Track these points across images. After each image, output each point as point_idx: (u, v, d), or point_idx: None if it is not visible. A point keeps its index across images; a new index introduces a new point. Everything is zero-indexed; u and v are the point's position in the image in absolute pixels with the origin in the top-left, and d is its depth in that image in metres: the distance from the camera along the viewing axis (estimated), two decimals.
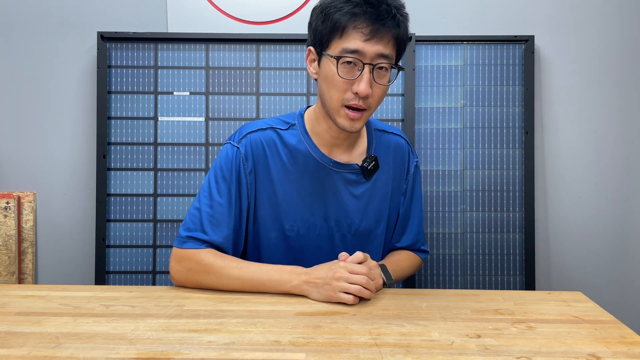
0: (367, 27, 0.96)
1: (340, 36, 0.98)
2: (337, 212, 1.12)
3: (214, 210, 1.07)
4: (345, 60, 0.97)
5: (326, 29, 0.99)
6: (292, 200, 1.10)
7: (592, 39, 1.74)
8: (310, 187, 1.10)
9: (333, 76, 0.99)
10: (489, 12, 1.74)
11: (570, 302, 0.99)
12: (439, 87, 1.71)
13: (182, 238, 1.07)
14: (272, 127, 1.11)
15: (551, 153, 1.75)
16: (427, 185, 1.70)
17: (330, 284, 0.95)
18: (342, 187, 1.12)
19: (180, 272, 1.05)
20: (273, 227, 1.11)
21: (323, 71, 1.02)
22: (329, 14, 0.98)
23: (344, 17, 0.96)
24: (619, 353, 0.75)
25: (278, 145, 1.10)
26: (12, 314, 0.91)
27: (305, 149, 1.10)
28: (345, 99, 1.00)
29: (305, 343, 0.78)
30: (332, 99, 1.01)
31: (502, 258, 1.70)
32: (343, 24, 0.97)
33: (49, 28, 1.73)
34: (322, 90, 1.04)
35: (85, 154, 1.74)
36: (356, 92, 0.98)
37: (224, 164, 1.09)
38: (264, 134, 1.10)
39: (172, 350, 0.76)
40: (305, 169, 1.10)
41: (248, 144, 1.09)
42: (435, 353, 0.75)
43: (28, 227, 1.73)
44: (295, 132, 1.11)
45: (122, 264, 1.67)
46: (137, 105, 1.69)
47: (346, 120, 1.02)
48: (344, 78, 0.98)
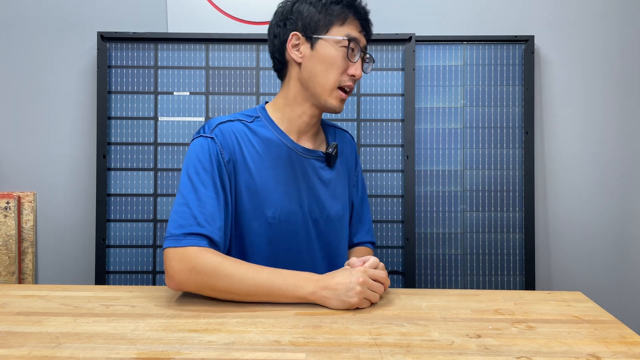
0: (361, 21, 1.13)
1: (342, 24, 1.10)
2: (310, 198, 1.15)
3: (204, 203, 1.01)
4: (352, 45, 1.10)
5: (326, 17, 1.10)
6: (270, 188, 1.10)
7: (592, 38, 1.74)
8: (284, 173, 1.12)
9: (335, 58, 1.09)
10: (489, 12, 1.74)
11: (570, 302, 0.99)
12: (439, 87, 1.71)
13: (177, 236, 0.98)
14: (239, 119, 1.13)
15: (551, 153, 1.75)
16: (427, 185, 1.70)
17: (355, 289, 0.93)
18: (312, 173, 1.15)
19: (182, 272, 0.96)
20: (255, 216, 1.09)
21: (321, 54, 1.10)
22: (328, 4, 1.10)
23: (346, 8, 1.10)
24: (618, 353, 0.75)
25: (249, 134, 1.11)
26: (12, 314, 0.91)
27: (275, 137, 1.13)
28: (342, 80, 1.11)
29: (305, 343, 0.78)
30: (329, 80, 1.10)
31: (502, 258, 1.70)
32: (346, 14, 1.10)
33: (49, 28, 1.73)
34: (315, 73, 1.11)
35: (85, 154, 1.74)
36: (352, 74, 1.11)
37: (202, 156, 1.06)
38: (233, 125, 1.11)
39: (172, 350, 0.76)
40: (279, 155, 1.12)
41: (220, 134, 1.08)
42: (435, 353, 0.75)
43: (28, 227, 1.73)
44: (262, 123, 1.14)
45: (122, 264, 1.67)
46: (137, 105, 1.69)
47: (337, 101, 1.12)
48: (350, 60, 1.10)
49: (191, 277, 0.96)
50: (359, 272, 0.96)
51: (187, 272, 0.96)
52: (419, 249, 1.70)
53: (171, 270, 0.97)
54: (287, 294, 0.96)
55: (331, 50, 1.09)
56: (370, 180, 1.69)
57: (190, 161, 1.06)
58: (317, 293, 0.95)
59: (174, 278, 0.97)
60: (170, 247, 0.98)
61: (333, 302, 0.94)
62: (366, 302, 0.95)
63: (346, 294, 0.94)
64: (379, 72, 1.70)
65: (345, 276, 0.96)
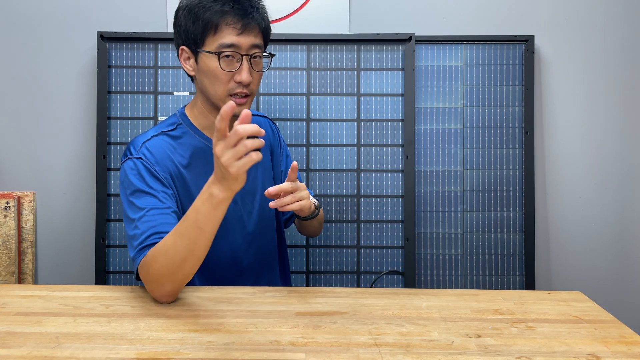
0: (237, 22, 1.06)
1: (215, 33, 1.06)
2: (242, 193, 1.16)
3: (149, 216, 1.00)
4: (225, 54, 1.06)
5: (198, 28, 1.07)
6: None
7: (593, 38, 1.74)
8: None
9: (215, 70, 1.07)
10: (489, 12, 1.74)
11: (570, 302, 0.99)
12: (439, 87, 1.71)
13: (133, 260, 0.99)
14: (162, 132, 1.13)
15: (551, 153, 1.75)
16: (427, 185, 1.70)
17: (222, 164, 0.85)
18: None
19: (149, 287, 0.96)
20: None
21: (203, 67, 1.09)
22: (198, 15, 1.06)
23: (215, 15, 1.05)
24: (618, 353, 0.75)
25: (175, 146, 1.12)
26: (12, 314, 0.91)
27: (199, 142, 1.14)
28: (230, 89, 1.08)
29: (305, 343, 0.78)
30: (217, 91, 1.09)
31: (502, 258, 1.70)
32: (215, 22, 1.05)
33: (49, 28, 1.73)
34: (204, 86, 1.10)
35: (85, 154, 1.74)
36: (239, 81, 1.07)
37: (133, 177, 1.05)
38: (158, 139, 1.11)
39: (172, 350, 0.76)
40: (206, 160, 1.13)
41: (148, 153, 1.08)
42: (435, 353, 0.75)
43: (28, 227, 1.73)
44: (184, 129, 1.15)
45: (122, 264, 1.67)
46: (137, 105, 1.69)
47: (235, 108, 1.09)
48: (226, 70, 1.06)
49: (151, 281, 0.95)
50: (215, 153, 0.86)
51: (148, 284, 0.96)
52: (419, 249, 1.70)
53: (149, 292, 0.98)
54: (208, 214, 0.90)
55: (209, 63, 1.07)
56: (370, 180, 1.69)
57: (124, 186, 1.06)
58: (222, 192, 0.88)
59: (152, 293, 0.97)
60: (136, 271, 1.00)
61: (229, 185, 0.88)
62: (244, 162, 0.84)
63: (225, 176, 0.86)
64: (379, 72, 1.70)
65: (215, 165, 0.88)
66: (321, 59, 1.70)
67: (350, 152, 1.69)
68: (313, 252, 1.69)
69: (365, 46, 1.70)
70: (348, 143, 1.69)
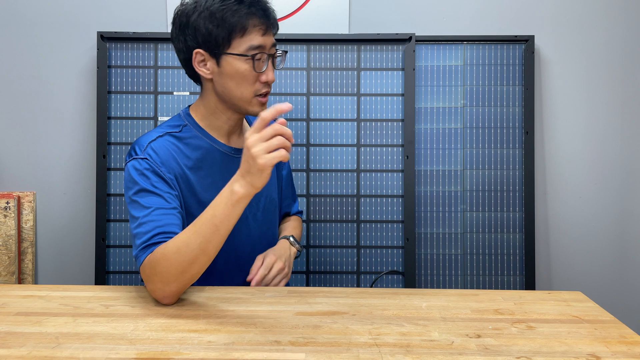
0: (262, 24, 1.08)
1: (242, 36, 1.06)
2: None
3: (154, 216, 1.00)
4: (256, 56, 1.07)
5: (224, 31, 1.06)
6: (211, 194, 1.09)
7: (593, 38, 1.74)
8: (220, 177, 1.12)
9: (244, 72, 1.07)
10: (489, 12, 1.74)
11: (570, 302, 0.99)
12: (439, 87, 1.71)
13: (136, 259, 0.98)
14: (167, 133, 1.12)
15: (551, 153, 1.75)
16: (427, 185, 1.70)
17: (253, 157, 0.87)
18: None
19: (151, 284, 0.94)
20: None
21: (228, 71, 1.08)
22: (225, 18, 1.05)
23: (242, 18, 1.05)
24: (618, 353, 0.75)
25: (181, 147, 1.11)
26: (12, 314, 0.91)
27: (206, 143, 1.14)
28: (256, 90, 1.10)
29: (305, 343, 0.78)
30: (243, 93, 1.09)
31: (502, 258, 1.70)
32: (243, 24, 1.06)
33: (49, 28, 1.73)
34: (228, 88, 1.09)
35: (85, 154, 1.74)
36: (266, 81, 1.09)
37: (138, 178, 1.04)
38: (164, 140, 1.10)
39: (172, 350, 0.76)
40: (213, 161, 1.13)
41: (153, 153, 1.07)
42: (435, 353, 0.75)
43: (28, 227, 1.73)
44: (190, 130, 1.14)
45: (122, 264, 1.67)
46: (137, 105, 1.69)
47: (259, 106, 1.12)
48: (257, 72, 1.08)
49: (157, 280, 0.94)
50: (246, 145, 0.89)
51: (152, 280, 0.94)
52: (419, 249, 1.70)
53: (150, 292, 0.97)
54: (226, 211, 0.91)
55: (238, 66, 1.07)
56: (370, 180, 1.69)
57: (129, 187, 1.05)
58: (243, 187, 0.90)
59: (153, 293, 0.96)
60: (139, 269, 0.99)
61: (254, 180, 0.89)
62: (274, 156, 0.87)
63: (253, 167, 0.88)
64: (379, 72, 1.70)
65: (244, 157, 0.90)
66: (321, 59, 1.70)
67: (350, 152, 1.69)
68: (313, 252, 1.69)
69: (365, 46, 1.70)
70: (348, 143, 1.69)
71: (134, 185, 1.04)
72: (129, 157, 1.08)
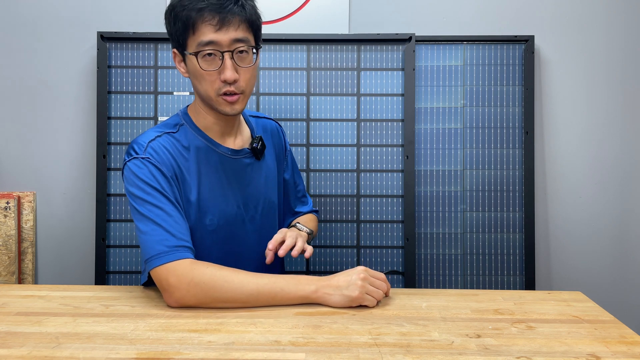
0: (214, 18, 1.02)
1: (194, 33, 1.03)
2: (244, 197, 1.17)
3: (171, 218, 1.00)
4: (204, 53, 1.03)
5: (179, 29, 1.05)
6: (207, 197, 1.11)
7: (593, 38, 1.74)
8: (217, 179, 1.12)
9: (198, 71, 1.05)
10: (489, 12, 1.74)
11: (570, 302, 0.99)
12: (439, 87, 1.71)
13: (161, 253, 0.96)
14: (165, 133, 1.11)
15: (551, 153, 1.75)
16: (427, 185, 1.70)
17: (357, 284, 0.95)
18: (241, 172, 1.16)
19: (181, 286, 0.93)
20: (196, 226, 1.10)
21: (190, 69, 1.08)
22: (177, 15, 1.04)
23: (191, 13, 1.02)
24: (618, 353, 0.75)
25: (178, 147, 1.10)
26: (12, 314, 0.91)
27: (202, 144, 1.13)
28: (217, 89, 1.05)
29: (305, 343, 0.78)
30: (206, 92, 1.07)
31: (502, 258, 1.70)
32: (192, 20, 1.02)
33: (49, 28, 1.73)
34: (195, 86, 1.10)
35: (85, 154, 1.74)
36: (224, 79, 1.04)
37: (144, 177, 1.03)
38: (162, 140, 1.09)
39: (172, 350, 0.76)
40: (209, 162, 1.12)
41: (154, 152, 1.06)
42: (435, 353, 0.75)
43: (28, 227, 1.73)
44: (187, 130, 1.13)
45: (122, 264, 1.67)
46: (137, 105, 1.69)
47: (227, 106, 1.08)
48: (207, 70, 1.04)
49: (191, 291, 0.93)
50: (359, 270, 0.97)
51: (186, 285, 0.93)
52: (419, 249, 1.70)
53: (169, 287, 0.94)
54: (290, 295, 0.96)
55: (193, 64, 1.05)
56: (370, 180, 1.69)
57: (134, 186, 1.03)
58: (320, 291, 0.96)
59: (173, 294, 0.94)
60: (160, 264, 0.95)
61: (335, 298, 0.95)
62: (369, 299, 0.95)
63: (347, 289, 0.95)
64: (379, 72, 1.70)
65: (346, 274, 0.98)
66: (321, 59, 1.70)
67: (350, 152, 1.69)
68: (313, 252, 1.69)
69: (365, 46, 1.70)
70: (348, 143, 1.69)
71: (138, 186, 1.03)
72: (128, 157, 1.07)
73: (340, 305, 0.95)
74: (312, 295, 0.96)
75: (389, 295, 1.02)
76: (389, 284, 1.01)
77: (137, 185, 1.03)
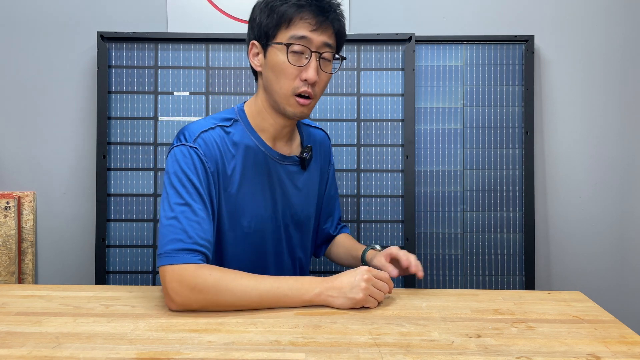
0: (313, 19, 1.03)
1: (288, 26, 1.04)
2: (283, 204, 1.15)
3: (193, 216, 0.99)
4: (294, 48, 1.03)
5: (272, 21, 1.05)
6: (248, 198, 1.10)
7: (592, 38, 1.74)
8: (260, 182, 1.11)
9: (282, 64, 1.04)
10: (489, 12, 1.74)
11: (570, 302, 0.99)
12: (439, 87, 1.71)
13: (171, 253, 0.96)
14: (218, 125, 1.10)
15: (551, 153, 1.75)
16: (427, 185, 1.70)
17: (360, 286, 0.94)
18: (286, 178, 1.15)
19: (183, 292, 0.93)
20: (232, 226, 1.09)
21: (270, 62, 1.06)
22: (274, 7, 1.04)
23: (291, 9, 1.03)
24: (618, 353, 0.75)
25: (228, 142, 1.09)
26: (12, 314, 0.91)
27: (253, 143, 1.12)
28: (295, 87, 1.05)
29: (305, 343, 0.78)
30: (282, 88, 1.06)
31: (502, 258, 1.70)
32: (290, 15, 1.03)
33: (49, 28, 1.73)
34: (270, 81, 1.08)
35: (85, 154, 1.74)
36: (305, 78, 1.04)
37: (186, 166, 1.03)
38: (214, 133, 1.08)
39: (172, 350, 0.76)
40: (256, 163, 1.11)
41: (203, 144, 1.05)
42: (435, 353, 0.75)
43: (28, 227, 1.73)
44: (240, 127, 1.12)
45: (122, 264, 1.67)
46: (137, 105, 1.69)
47: (297, 108, 1.07)
48: (293, 65, 1.04)
49: (193, 296, 0.93)
50: (363, 271, 0.97)
51: (188, 292, 0.93)
52: (419, 249, 1.70)
53: (172, 292, 0.94)
54: (294, 298, 0.95)
55: (278, 57, 1.04)
56: (370, 180, 1.69)
57: (174, 171, 1.02)
58: (323, 294, 0.96)
59: (175, 300, 0.94)
60: (167, 264, 0.95)
61: (339, 300, 0.95)
62: (371, 300, 0.95)
63: (351, 291, 0.94)
64: (379, 72, 1.70)
65: (350, 275, 0.97)
66: None
67: (350, 152, 1.69)
68: None
69: (365, 46, 1.70)
70: (348, 143, 1.69)
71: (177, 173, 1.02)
72: (177, 142, 1.06)
73: (344, 308, 0.95)
74: (315, 298, 0.96)
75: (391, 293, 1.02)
76: (391, 283, 1.01)
77: (176, 174, 1.02)
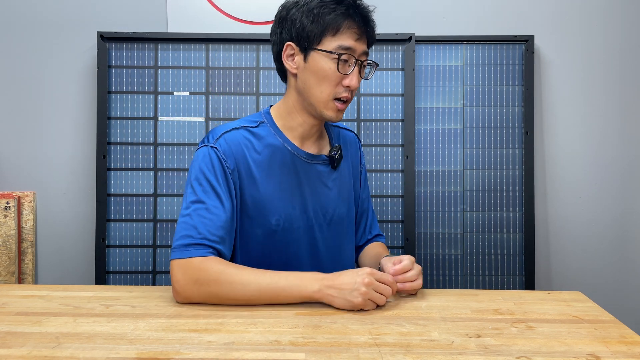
0: (357, 28, 1.08)
1: (334, 34, 1.07)
2: (314, 203, 1.16)
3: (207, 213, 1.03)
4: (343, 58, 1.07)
5: (318, 28, 1.07)
6: (274, 195, 1.11)
7: (592, 39, 1.74)
8: (288, 180, 1.12)
9: (328, 71, 1.07)
10: (488, 12, 1.74)
11: (570, 302, 0.99)
12: (439, 87, 1.71)
13: (181, 247, 1.00)
14: (243, 126, 1.13)
15: (551, 153, 1.75)
16: (427, 185, 1.70)
17: (359, 290, 0.94)
18: (315, 178, 1.16)
19: (187, 285, 0.96)
20: (259, 224, 1.10)
21: (314, 66, 1.08)
22: (321, 15, 1.07)
23: (339, 17, 1.06)
24: (618, 353, 0.75)
25: (253, 142, 1.11)
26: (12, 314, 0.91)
27: (279, 143, 1.13)
28: (337, 92, 1.09)
29: (305, 343, 0.78)
30: (322, 92, 1.09)
31: (502, 258, 1.70)
32: (338, 24, 1.06)
33: (49, 28, 1.73)
34: (309, 84, 1.09)
35: (85, 154, 1.74)
36: (348, 85, 1.08)
37: (205, 166, 1.07)
38: (238, 133, 1.11)
39: (172, 350, 0.76)
40: (283, 162, 1.12)
41: (224, 144, 1.09)
42: (435, 353, 0.75)
43: (28, 227, 1.73)
44: (266, 128, 1.14)
45: (122, 264, 1.67)
46: (137, 105, 1.69)
47: (334, 112, 1.10)
48: (342, 73, 1.07)
49: (195, 289, 0.96)
50: (365, 273, 0.96)
51: (191, 284, 0.96)
52: (419, 249, 1.70)
53: (177, 284, 0.97)
54: (292, 294, 0.96)
55: (323, 63, 1.07)
56: (370, 180, 1.69)
57: (193, 171, 1.08)
58: (323, 291, 0.95)
59: (180, 292, 0.97)
60: (175, 258, 0.99)
61: (338, 301, 0.95)
62: (370, 304, 0.95)
63: (351, 294, 0.94)
64: (379, 72, 1.70)
65: (351, 276, 0.96)
66: None
67: None
68: None
69: None
70: None
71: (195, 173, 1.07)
72: (201, 143, 1.11)
73: (342, 308, 0.95)
74: (314, 295, 0.96)
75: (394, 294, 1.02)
76: (395, 286, 0.99)
77: (195, 173, 1.07)
